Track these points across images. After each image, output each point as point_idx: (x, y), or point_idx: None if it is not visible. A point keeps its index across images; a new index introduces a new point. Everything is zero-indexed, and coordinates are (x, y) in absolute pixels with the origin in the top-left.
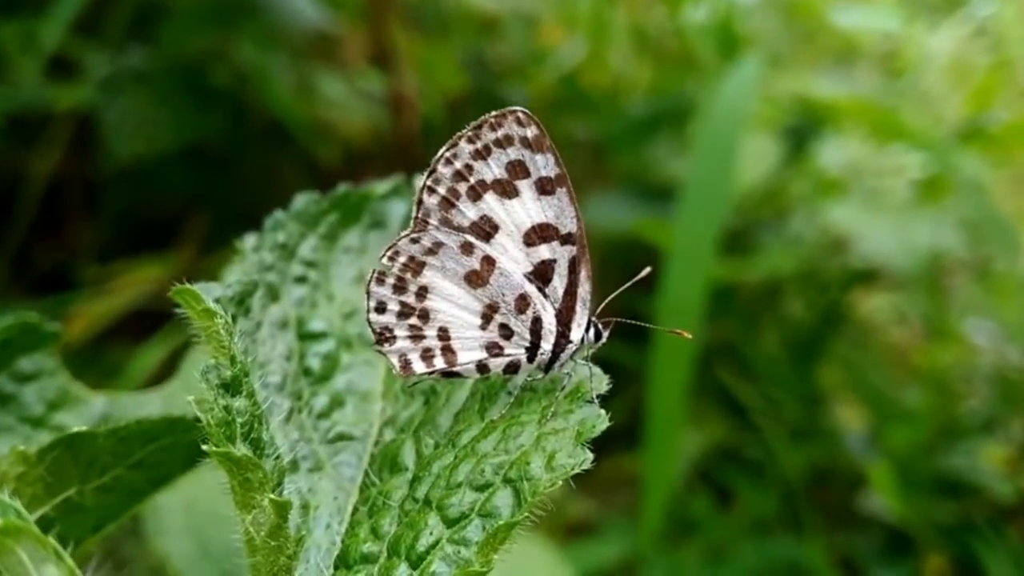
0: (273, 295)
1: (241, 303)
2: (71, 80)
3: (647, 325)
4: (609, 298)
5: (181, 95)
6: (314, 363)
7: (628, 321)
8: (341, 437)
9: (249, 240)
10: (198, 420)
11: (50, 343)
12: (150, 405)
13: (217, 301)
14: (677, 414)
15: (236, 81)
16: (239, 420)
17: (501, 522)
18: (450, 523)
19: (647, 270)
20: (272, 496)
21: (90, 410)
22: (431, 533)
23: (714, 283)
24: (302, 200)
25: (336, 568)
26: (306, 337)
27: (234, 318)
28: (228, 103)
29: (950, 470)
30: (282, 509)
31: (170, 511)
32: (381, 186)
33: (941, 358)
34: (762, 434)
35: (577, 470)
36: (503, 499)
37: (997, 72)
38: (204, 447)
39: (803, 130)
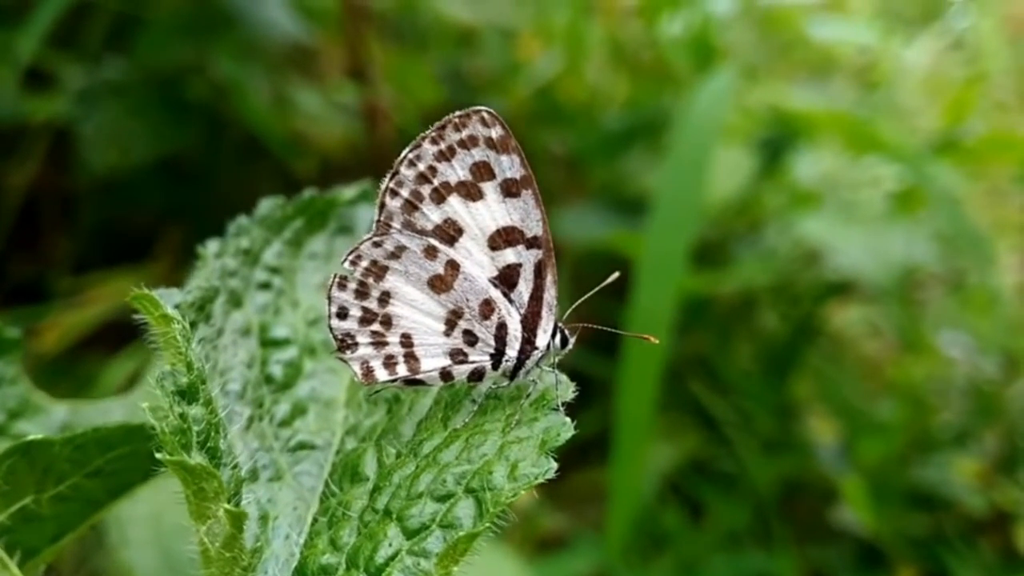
0: (235, 301)
1: (202, 309)
2: (47, 92)
3: (613, 330)
4: (575, 304)
5: (157, 108)
6: (276, 370)
7: (595, 327)
8: (302, 446)
9: (211, 246)
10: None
11: (11, 351)
12: (112, 414)
13: (177, 307)
14: (645, 427)
15: (212, 94)
16: (195, 428)
17: (462, 533)
18: (410, 534)
19: (615, 275)
20: (227, 506)
21: (51, 419)
22: (390, 544)
23: (688, 296)
24: (267, 205)
25: None
26: (268, 344)
27: (194, 324)
28: (204, 116)
29: (922, 483)
30: (237, 520)
31: (135, 522)
32: (348, 191)
33: (915, 371)
34: (735, 447)
35: (541, 480)
36: (464, 510)
37: (973, 85)
38: (157, 455)
39: (778, 142)
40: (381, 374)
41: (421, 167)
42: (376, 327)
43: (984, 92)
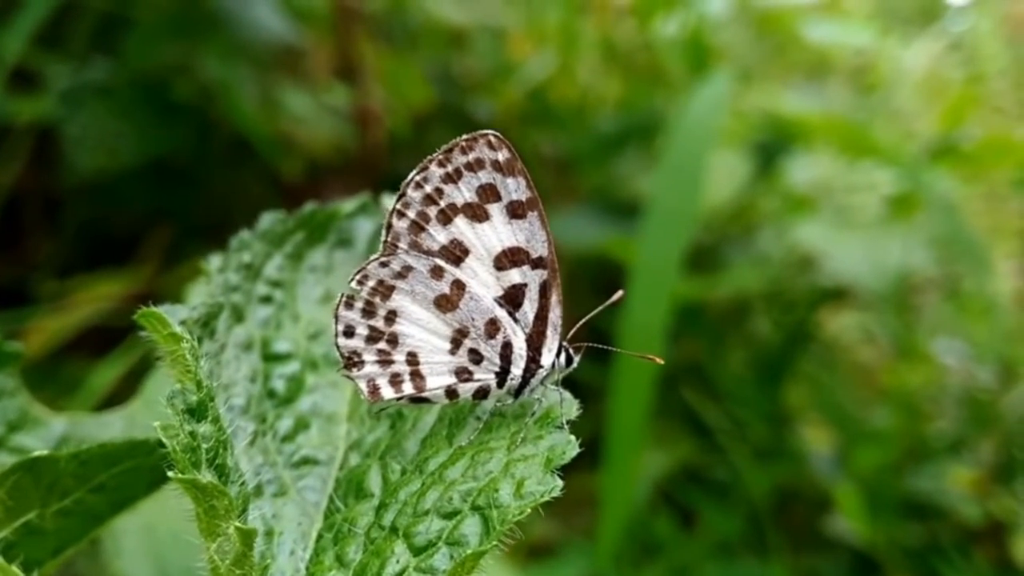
0: (238, 316)
1: (206, 325)
2: (32, 92)
3: (618, 350)
4: (580, 323)
5: (144, 109)
6: (279, 385)
7: (599, 346)
8: (306, 461)
9: (214, 261)
10: (162, 445)
11: (10, 363)
12: (112, 427)
13: (183, 324)
14: (638, 435)
15: (200, 95)
16: (204, 446)
17: (469, 551)
18: (417, 551)
19: (619, 294)
20: (238, 524)
21: (51, 431)
22: (397, 561)
23: (681, 301)
24: (268, 219)
25: None
26: (271, 358)
27: (199, 340)
28: (192, 118)
29: (917, 492)
30: (247, 537)
31: (129, 533)
32: (347, 204)
33: (909, 378)
34: (727, 455)
35: (546, 497)
36: (471, 527)
37: (970, 88)
38: (169, 473)
39: (773, 146)
40: (387, 392)
41: (428, 189)
42: (382, 345)
43: (982, 95)
